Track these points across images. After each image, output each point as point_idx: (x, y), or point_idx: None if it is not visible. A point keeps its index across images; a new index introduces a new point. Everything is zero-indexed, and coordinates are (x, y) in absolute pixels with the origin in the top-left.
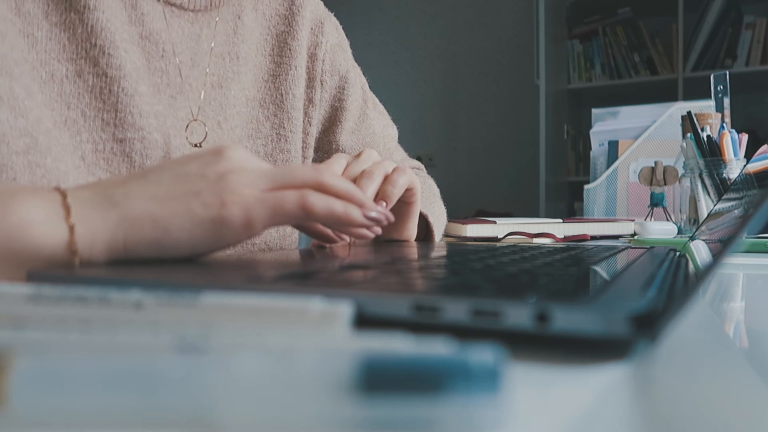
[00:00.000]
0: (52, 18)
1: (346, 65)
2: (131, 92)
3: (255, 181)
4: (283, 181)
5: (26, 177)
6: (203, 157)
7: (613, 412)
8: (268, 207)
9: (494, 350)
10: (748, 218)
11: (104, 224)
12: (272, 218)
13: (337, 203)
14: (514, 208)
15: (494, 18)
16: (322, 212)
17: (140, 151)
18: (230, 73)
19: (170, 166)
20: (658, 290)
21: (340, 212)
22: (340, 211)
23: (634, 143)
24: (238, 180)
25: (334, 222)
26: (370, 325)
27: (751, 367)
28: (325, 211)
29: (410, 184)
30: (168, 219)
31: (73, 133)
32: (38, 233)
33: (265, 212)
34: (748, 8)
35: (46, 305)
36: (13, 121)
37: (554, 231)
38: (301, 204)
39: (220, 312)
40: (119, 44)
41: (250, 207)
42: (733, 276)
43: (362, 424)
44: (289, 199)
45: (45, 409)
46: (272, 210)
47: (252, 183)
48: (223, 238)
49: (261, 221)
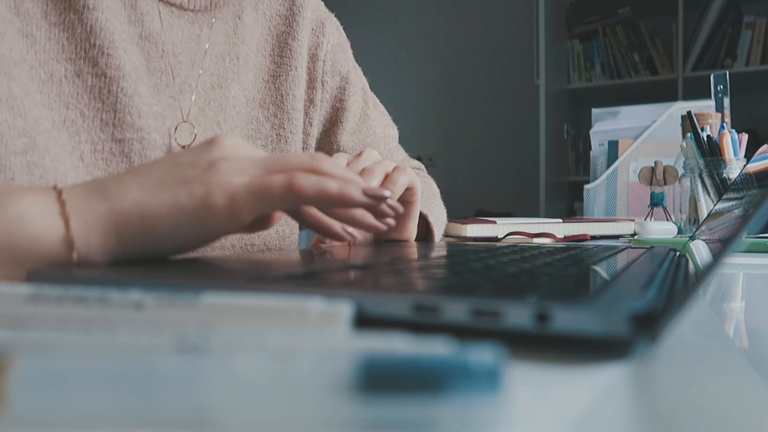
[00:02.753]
0: (51, 18)
1: (347, 66)
2: (130, 92)
3: (245, 168)
4: (277, 167)
5: (24, 177)
6: (197, 147)
7: (613, 412)
8: (253, 192)
9: (494, 350)
10: (748, 218)
11: (96, 217)
12: (258, 204)
13: (330, 182)
14: (514, 208)
15: (494, 18)
16: (312, 192)
17: (139, 152)
18: (230, 74)
19: (164, 159)
20: (658, 290)
21: (333, 191)
22: (334, 190)
23: (634, 143)
24: (227, 167)
25: (328, 203)
26: (370, 325)
27: (751, 367)
28: (315, 190)
29: (411, 183)
30: (155, 208)
31: (71, 133)
32: (35, 228)
33: (250, 198)
34: (748, 8)
35: (46, 305)
36: (12, 121)
37: (554, 231)
38: (287, 186)
39: (220, 312)
40: (118, 44)
41: (235, 193)
42: (733, 276)
43: (362, 424)
44: (276, 182)
45: (45, 409)
46: (257, 195)
47: (242, 170)
48: (208, 227)
49: (247, 208)
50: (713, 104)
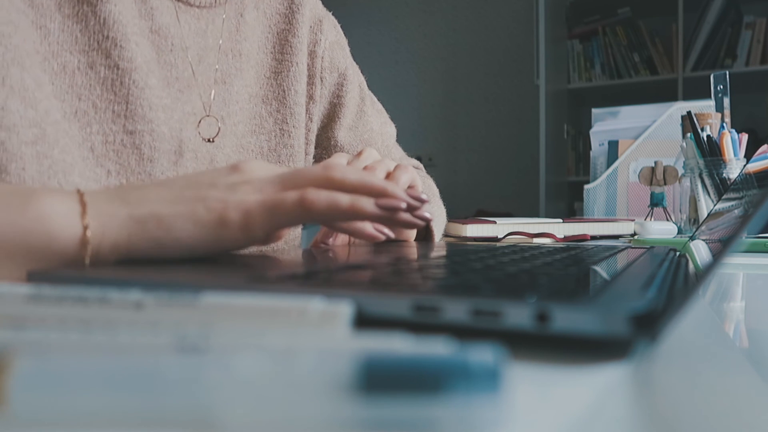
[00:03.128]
0: (65, 10)
1: (344, 62)
2: (142, 85)
3: (261, 186)
4: (291, 184)
5: (34, 167)
6: (220, 169)
7: (613, 412)
8: (267, 208)
9: (494, 350)
10: (748, 218)
11: (113, 221)
12: (271, 220)
13: (341, 196)
14: (514, 208)
15: (494, 18)
16: (323, 207)
17: (149, 144)
18: (233, 70)
19: (188, 176)
20: (658, 290)
21: (344, 205)
22: (345, 204)
23: (634, 143)
24: (245, 189)
25: (340, 217)
26: (370, 325)
27: (751, 367)
28: (325, 205)
29: (412, 182)
30: (172, 219)
31: (83, 124)
32: (54, 227)
33: (264, 214)
34: (748, 8)
35: (46, 305)
36: (23, 111)
37: (554, 231)
38: (299, 202)
39: (220, 312)
40: (131, 37)
41: (250, 210)
42: (733, 276)
43: (362, 424)
44: (288, 199)
45: (45, 409)
46: (271, 211)
47: (258, 188)
48: (222, 240)
49: (260, 224)
50: (713, 104)
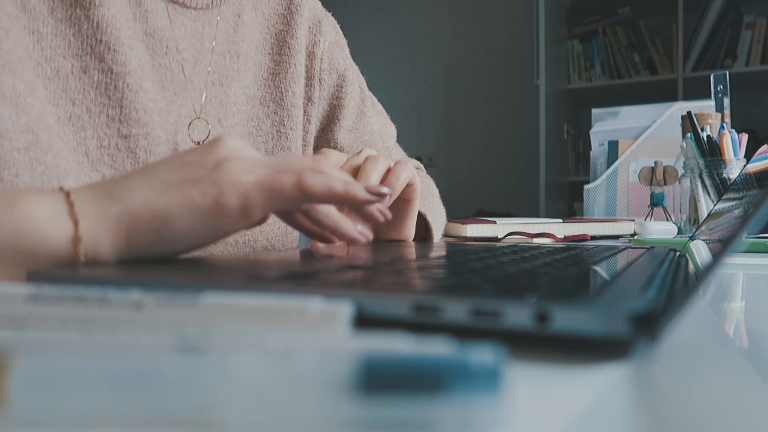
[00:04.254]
0: (58, 14)
1: (344, 64)
2: (136, 88)
3: (253, 168)
4: (283, 167)
5: (27, 173)
6: (201, 147)
7: (613, 412)
8: (264, 190)
9: (494, 350)
10: (748, 218)
11: (106, 218)
12: (270, 202)
13: (336, 181)
14: (514, 208)
15: (494, 18)
16: (320, 191)
17: (144, 147)
18: (230, 71)
19: (170, 159)
20: (658, 290)
21: (340, 189)
22: (340, 189)
23: (634, 143)
24: (235, 167)
25: (334, 201)
26: (370, 325)
27: (751, 367)
28: (323, 189)
29: (412, 179)
30: (167, 208)
31: (77, 129)
32: (43, 228)
33: (262, 196)
34: (748, 8)
35: (46, 305)
36: (15, 117)
37: (554, 231)
38: (298, 184)
39: (220, 312)
40: (124, 41)
41: (247, 192)
42: (733, 276)
43: (362, 424)
44: (287, 181)
45: (45, 409)
46: (269, 193)
47: (249, 169)
48: (222, 225)
49: (259, 206)
50: (713, 104)
